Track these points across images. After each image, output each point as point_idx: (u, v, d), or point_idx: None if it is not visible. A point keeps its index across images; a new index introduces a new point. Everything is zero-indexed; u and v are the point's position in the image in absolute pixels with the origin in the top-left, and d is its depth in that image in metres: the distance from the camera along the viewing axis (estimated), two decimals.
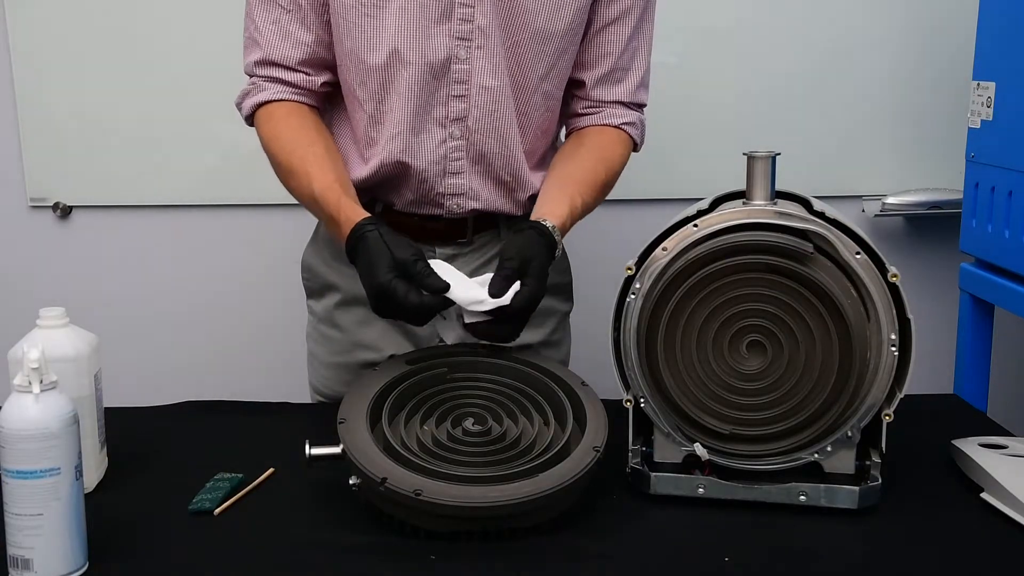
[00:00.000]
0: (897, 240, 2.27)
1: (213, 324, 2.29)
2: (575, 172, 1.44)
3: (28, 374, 1.00)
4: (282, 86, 1.41)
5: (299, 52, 1.39)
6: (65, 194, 2.22)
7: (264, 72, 1.41)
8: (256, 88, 1.42)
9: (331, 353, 1.54)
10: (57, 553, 1.01)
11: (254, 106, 1.42)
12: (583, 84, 1.48)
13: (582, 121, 1.50)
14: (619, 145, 1.49)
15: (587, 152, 1.46)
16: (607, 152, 1.47)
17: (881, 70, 2.18)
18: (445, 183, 1.44)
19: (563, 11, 1.38)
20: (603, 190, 1.45)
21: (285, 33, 1.39)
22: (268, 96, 1.41)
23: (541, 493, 1.09)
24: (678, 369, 1.17)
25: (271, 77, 1.41)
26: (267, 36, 1.39)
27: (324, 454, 1.16)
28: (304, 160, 1.36)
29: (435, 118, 1.40)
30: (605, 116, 1.49)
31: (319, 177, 1.34)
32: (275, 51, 1.39)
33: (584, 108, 1.50)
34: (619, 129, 1.49)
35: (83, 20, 2.14)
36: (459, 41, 1.36)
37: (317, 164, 1.36)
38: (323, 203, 1.33)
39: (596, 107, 1.49)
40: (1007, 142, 1.76)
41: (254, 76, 1.43)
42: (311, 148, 1.37)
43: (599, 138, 1.48)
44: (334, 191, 1.33)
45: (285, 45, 1.39)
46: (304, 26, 1.39)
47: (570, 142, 1.50)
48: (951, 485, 1.24)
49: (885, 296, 1.14)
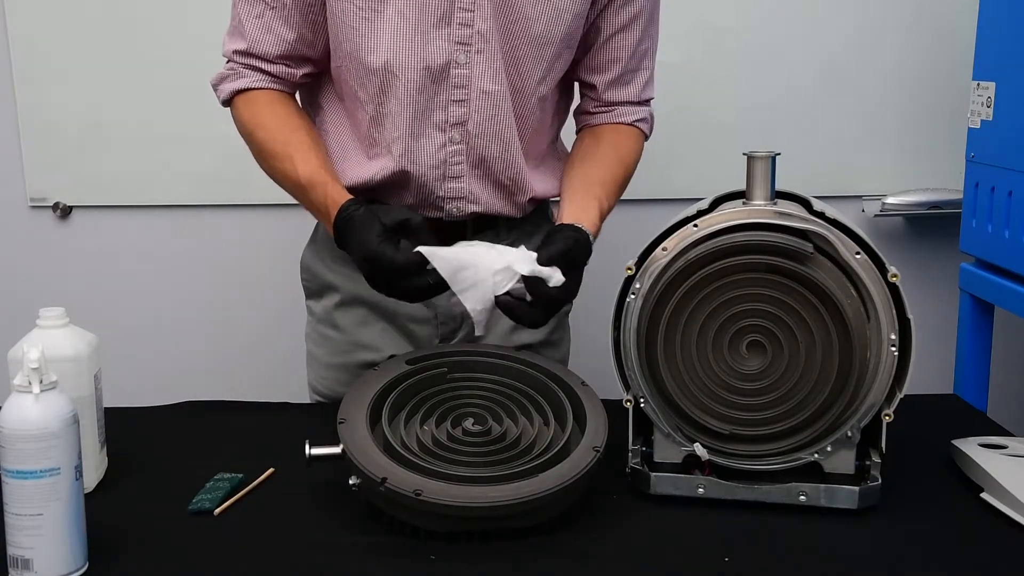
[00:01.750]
0: (897, 240, 2.27)
1: (213, 324, 2.29)
2: (597, 173, 1.46)
3: (28, 374, 1.00)
4: (261, 75, 1.42)
5: (280, 48, 1.41)
6: (65, 194, 2.22)
7: (243, 61, 1.43)
8: (235, 74, 1.43)
9: (330, 353, 1.54)
10: (57, 553, 1.01)
11: (232, 92, 1.43)
12: (595, 87, 1.50)
13: (595, 119, 1.53)
14: (634, 142, 1.52)
15: (606, 150, 1.49)
16: (623, 149, 1.50)
17: (881, 70, 2.18)
18: (445, 187, 1.43)
19: (562, 18, 1.38)
20: (622, 189, 1.49)
21: (268, 28, 1.40)
22: (247, 84, 1.42)
23: (541, 493, 1.09)
24: (678, 369, 1.17)
25: (250, 66, 1.42)
26: (250, 30, 1.40)
27: (324, 454, 1.16)
28: (288, 144, 1.38)
29: (434, 122, 1.40)
30: (618, 115, 1.52)
31: (304, 162, 1.36)
32: (257, 45, 1.41)
33: (596, 107, 1.52)
34: (632, 127, 1.52)
35: (83, 20, 2.14)
36: (458, 45, 1.36)
37: (303, 150, 1.37)
38: (309, 187, 1.35)
39: (608, 107, 1.52)
40: (1007, 142, 1.76)
41: (232, 61, 1.44)
42: (295, 134, 1.39)
43: (616, 136, 1.51)
44: (321, 176, 1.35)
45: (267, 40, 1.40)
46: (287, 24, 1.39)
47: (587, 139, 1.52)
48: (951, 485, 1.24)
49: (885, 296, 1.14)
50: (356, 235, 1.28)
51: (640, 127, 1.53)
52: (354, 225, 1.28)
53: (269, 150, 1.40)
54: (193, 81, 2.11)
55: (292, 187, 1.39)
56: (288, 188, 1.40)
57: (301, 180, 1.36)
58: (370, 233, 1.26)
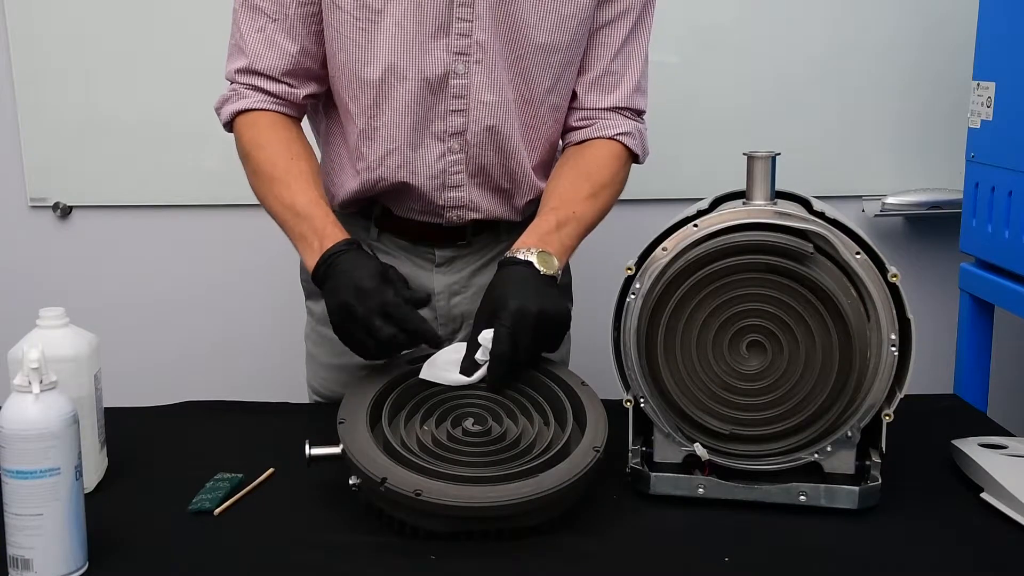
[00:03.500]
0: (897, 240, 2.27)
1: (213, 324, 2.29)
2: (553, 193, 1.40)
3: (28, 374, 1.00)
4: (263, 95, 1.39)
5: (284, 62, 1.37)
6: (65, 194, 2.23)
7: (246, 80, 1.39)
8: (236, 95, 1.40)
9: (329, 354, 1.54)
10: (57, 553, 1.01)
11: (233, 113, 1.40)
12: (575, 93, 1.45)
13: (576, 135, 1.46)
14: (608, 159, 1.43)
15: (567, 172, 1.43)
16: (590, 168, 1.42)
17: (881, 70, 2.18)
18: (445, 196, 1.43)
19: (565, 25, 1.37)
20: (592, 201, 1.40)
21: (270, 42, 1.37)
22: (248, 104, 1.39)
23: (541, 493, 1.09)
24: (678, 369, 1.17)
25: (253, 86, 1.39)
26: (252, 45, 1.37)
27: (324, 454, 1.16)
28: (288, 172, 1.34)
29: (433, 132, 1.39)
30: (599, 128, 1.44)
31: (303, 191, 1.33)
32: (259, 60, 1.37)
33: (578, 120, 1.46)
34: (613, 141, 1.44)
35: (83, 20, 2.14)
36: (457, 56, 1.35)
37: (302, 178, 1.34)
38: (306, 216, 1.30)
39: (590, 118, 1.45)
40: (1007, 142, 1.76)
41: (235, 83, 1.41)
42: (295, 162, 1.36)
43: (584, 155, 1.44)
44: (320, 207, 1.31)
45: (270, 54, 1.37)
46: (290, 36, 1.36)
47: (557, 164, 1.46)
48: (951, 485, 1.24)
49: (885, 296, 1.14)
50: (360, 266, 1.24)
51: (623, 141, 1.44)
52: (351, 258, 1.25)
53: (267, 172, 1.36)
54: (193, 81, 2.13)
55: (281, 210, 1.34)
56: (275, 212, 1.35)
57: (298, 208, 1.31)
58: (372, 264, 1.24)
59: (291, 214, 1.33)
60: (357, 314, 1.21)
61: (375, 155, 1.40)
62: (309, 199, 1.32)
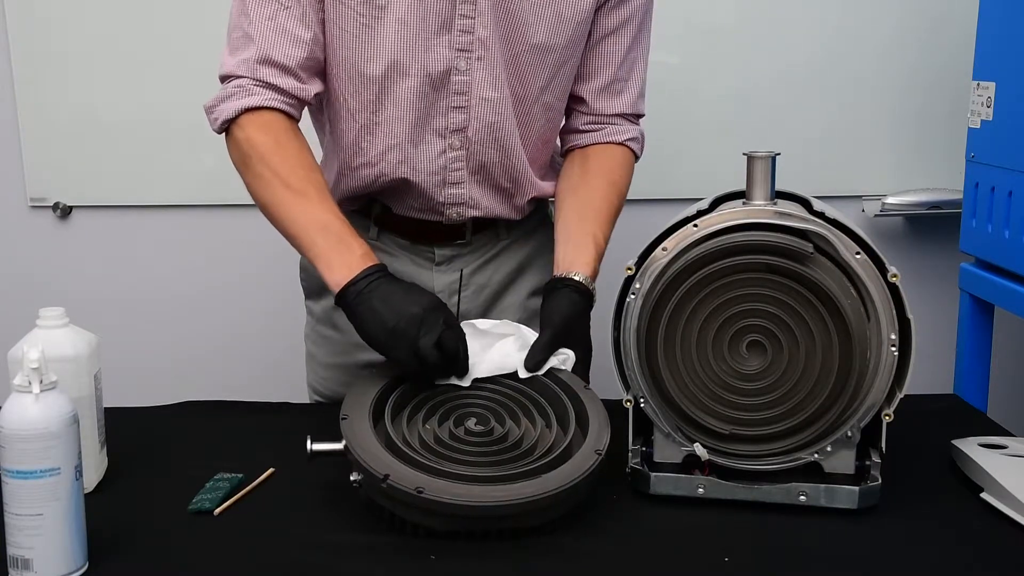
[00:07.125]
0: (897, 240, 2.27)
1: (212, 324, 2.29)
2: (590, 205, 1.42)
3: (28, 374, 1.00)
4: (274, 92, 1.32)
5: (298, 50, 1.32)
6: (65, 194, 2.23)
7: (255, 73, 1.32)
8: (243, 91, 1.32)
9: (330, 354, 1.54)
10: (57, 553, 1.01)
11: (240, 110, 1.31)
12: (583, 99, 1.46)
13: (585, 138, 1.48)
14: (625, 167, 1.48)
15: (596, 180, 1.45)
16: (616, 175, 1.46)
17: (881, 70, 2.18)
18: (445, 193, 1.43)
19: (563, 26, 1.37)
20: (616, 218, 1.44)
21: (282, 30, 1.32)
22: (259, 101, 1.31)
23: (543, 494, 1.09)
24: (678, 369, 1.17)
25: (263, 81, 1.32)
26: (263, 32, 1.31)
27: (326, 450, 1.16)
28: (311, 183, 1.30)
29: (434, 129, 1.39)
30: (609, 133, 1.47)
31: (331, 207, 1.30)
32: (272, 48, 1.31)
33: (586, 124, 1.48)
34: (623, 146, 1.47)
35: (83, 20, 2.14)
36: (459, 52, 1.35)
37: (325, 191, 1.31)
38: (336, 232, 1.27)
39: (599, 123, 1.47)
40: (1007, 142, 1.76)
41: (241, 77, 1.33)
42: (315, 174, 1.32)
43: (606, 160, 1.47)
44: (348, 224, 1.29)
45: (283, 42, 1.32)
46: (303, 23, 1.32)
47: (575, 166, 1.48)
48: (951, 485, 1.24)
49: (885, 296, 1.14)
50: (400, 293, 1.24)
51: (631, 147, 1.48)
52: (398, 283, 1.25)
53: (283, 179, 1.30)
54: (193, 80, 2.12)
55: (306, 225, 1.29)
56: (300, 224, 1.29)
57: (326, 222, 1.28)
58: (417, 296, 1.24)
59: (317, 228, 1.28)
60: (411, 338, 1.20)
61: (375, 151, 1.39)
62: (336, 215, 1.29)
